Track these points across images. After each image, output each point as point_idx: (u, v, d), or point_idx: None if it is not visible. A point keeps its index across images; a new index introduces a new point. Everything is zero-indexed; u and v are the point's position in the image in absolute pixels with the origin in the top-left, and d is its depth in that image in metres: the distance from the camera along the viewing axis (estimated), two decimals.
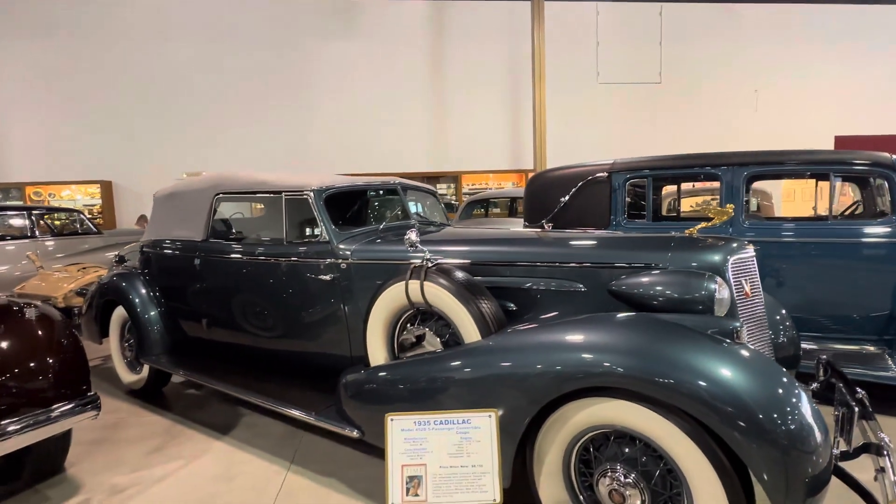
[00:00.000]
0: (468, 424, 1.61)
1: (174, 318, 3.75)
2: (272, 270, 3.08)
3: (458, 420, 1.61)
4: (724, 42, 12.34)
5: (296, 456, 2.95)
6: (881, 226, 3.31)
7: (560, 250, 2.44)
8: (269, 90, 11.68)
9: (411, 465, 1.57)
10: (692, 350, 1.70)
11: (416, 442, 1.59)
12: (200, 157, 11.51)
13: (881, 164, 3.28)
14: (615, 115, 12.16)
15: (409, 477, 1.56)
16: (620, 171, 4.03)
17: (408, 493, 1.55)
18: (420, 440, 1.59)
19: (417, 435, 1.59)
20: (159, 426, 3.42)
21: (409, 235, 2.34)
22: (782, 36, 12.40)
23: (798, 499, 1.54)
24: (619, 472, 1.82)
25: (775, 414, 1.58)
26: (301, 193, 2.98)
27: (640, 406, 1.75)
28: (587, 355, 1.82)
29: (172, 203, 3.73)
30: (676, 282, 2.07)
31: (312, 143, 11.76)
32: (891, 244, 3.26)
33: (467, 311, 2.20)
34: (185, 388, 4.11)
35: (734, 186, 3.60)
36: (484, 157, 12.04)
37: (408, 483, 1.56)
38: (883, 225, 3.31)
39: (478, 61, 11.87)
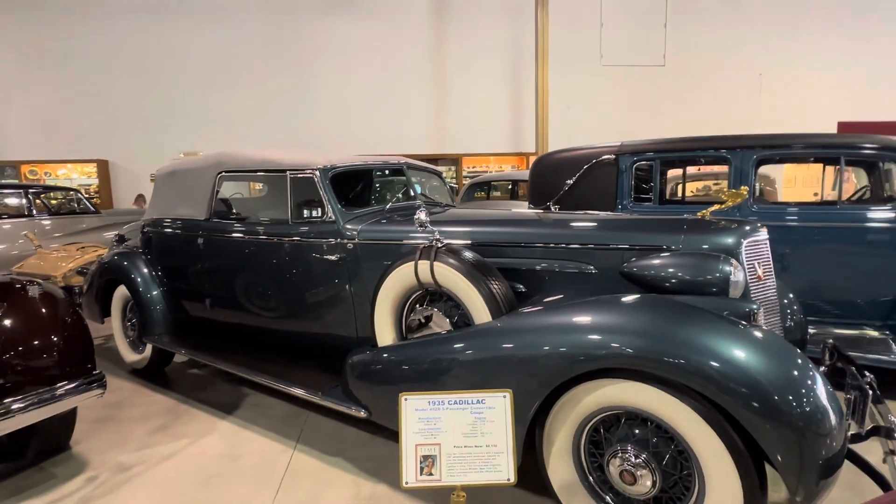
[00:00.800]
0: (482, 404, 1.60)
1: (176, 297, 3.72)
2: (276, 250, 3.05)
3: (472, 400, 1.60)
4: (729, 26, 12.15)
5: (301, 435, 2.95)
6: (891, 211, 3.29)
7: (571, 231, 2.41)
8: (269, 70, 11.49)
9: (425, 445, 1.56)
10: (707, 331, 1.69)
11: (430, 421, 1.58)
12: (198, 136, 11.37)
13: (892, 149, 3.25)
14: (618, 97, 12.02)
15: (423, 456, 1.55)
16: (627, 154, 3.98)
17: (422, 473, 1.55)
18: (434, 420, 1.58)
19: (431, 415, 1.58)
20: (163, 405, 3.41)
21: (418, 215, 2.31)
22: (787, 20, 12.22)
23: (812, 481, 1.54)
24: (630, 453, 1.82)
25: (791, 395, 1.57)
26: (306, 172, 2.93)
27: (654, 387, 1.74)
28: (600, 337, 1.80)
29: (174, 182, 3.67)
30: (691, 264, 2.04)
31: (312, 124, 11.61)
32: None
33: (478, 292, 2.18)
34: (188, 367, 4.11)
35: (743, 169, 3.57)
36: (485, 140, 11.94)
37: (422, 462, 1.55)
38: (893, 210, 3.28)
39: (480, 42, 11.68)
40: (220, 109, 11.47)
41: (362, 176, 3.63)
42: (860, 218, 3.38)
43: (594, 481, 1.95)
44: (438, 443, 1.56)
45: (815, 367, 1.66)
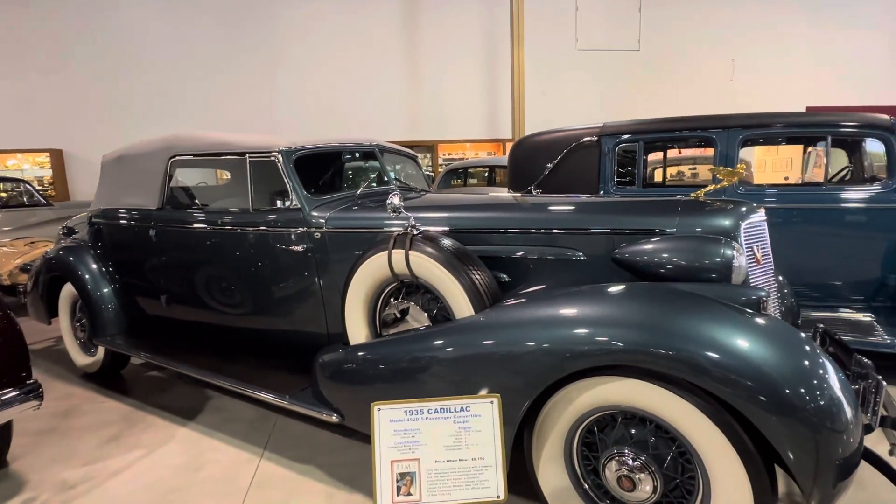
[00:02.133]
0: (467, 412, 1.40)
1: (130, 294, 3.42)
2: (237, 241, 2.79)
3: (455, 408, 1.41)
4: (703, 11, 12.14)
5: (269, 442, 2.72)
6: (877, 191, 3.21)
7: (557, 216, 2.23)
8: (233, 53, 10.95)
9: (402, 461, 1.37)
10: (711, 321, 1.53)
11: (408, 434, 1.38)
12: (160, 123, 10.75)
13: (879, 126, 3.17)
14: (594, 82, 11.91)
15: (399, 474, 1.35)
16: (610, 135, 3.82)
17: (399, 493, 1.35)
18: (412, 432, 1.38)
19: (409, 426, 1.38)
20: (117, 413, 3.13)
21: (391, 199, 2.08)
22: (759, 7, 12.28)
23: (828, 482, 1.41)
24: (628, 456, 1.66)
25: (804, 389, 1.42)
26: (268, 155, 2.67)
27: (654, 385, 1.58)
28: (593, 331, 1.63)
29: (122, 168, 3.34)
30: (688, 248, 1.88)
31: (279, 110, 11.15)
32: (887, 210, 3.17)
33: (458, 283, 1.98)
34: (145, 370, 3.81)
35: (728, 150, 3.45)
36: (460, 126, 11.69)
37: (399, 481, 1.35)
38: (878, 190, 3.21)
39: (453, 26, 11.37)
40: (183, 95, 10.90)
41: (332, 160, 3.37)
42: (845, 199, 3.30)
43: (589, 487, 1.78)
44: (417, 458, 1.37)
45: (827, 356, 1.52)
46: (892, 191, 3.16)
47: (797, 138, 3.93)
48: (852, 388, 1.55)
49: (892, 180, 3.17)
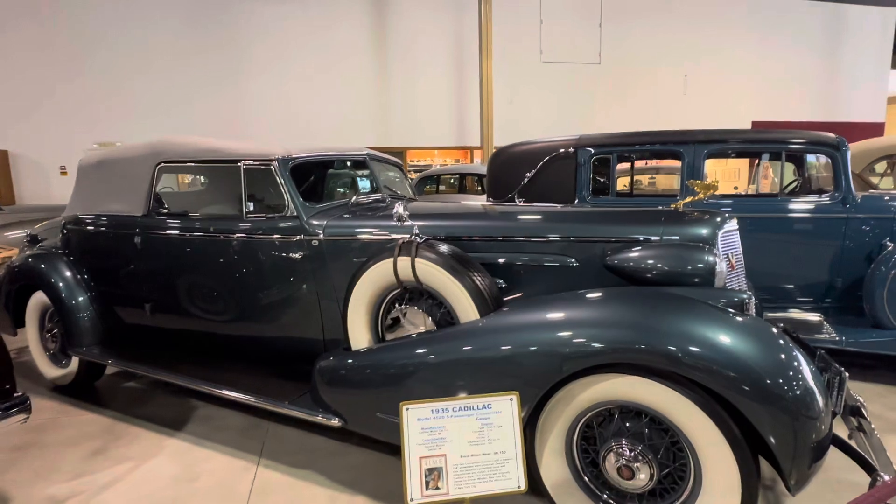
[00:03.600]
0: (489, 409, 1.50)
1: (107, 303, 3.32)
2: (230, 249, 2.78)
3: (477, 406, 1.50)
4: (658, 28, 12.81)
5: (264, 449, 2.72)
6: (825, 202, 3.54)
7: (552, 225, 2.37)
8: (193, 54, 10.66)
9: (430, 457, 1.45)
10: (703, 321, 1.70)
11: (434, 431, 1.46)
12: (115, 126, 10.36)
13: (827, 144, 3.50)
14: (557, 93, 12.33)
15: (427, 469, 1.44)
16: (586, 147, 4.03)
17: (427, 487, 1.43)
18: (438, 429, 1.46)
19: (435, 424, 1.47)
20: (97, 425, 3.04)
21: (397, 209, 2.16)
22: (710, 24, 13.08)
23: (804, 464, 1.59)
24: (626, 448, 1.80)
25: (783, 380, 1.60)
26: (264, 163, 2.69)
27: (650, 380, 1.73)
28: (593, 332, 1.77)
29: (103, 173, 3.26)
30: (675, 255, 2.06)
31: (244, 116, 10.93)
32: (834, 219, 3.50)
33: (463, 289, 2.07)
34: (122, 380, 3.70)
35: (695, 163, 3.71)
36: (429, 133, 11.81)
37: (427, 476, 1.43)
38: (826, 201, 3.54)
39: (422, 33, 11.51)
40: (139, 96, 10.51)
41: (320, 169, 3.41)
42: (796, 209, 3.61)
43: (589, 480, 1.91)
44: (444, 453, 1.45)
45: (801, 351, 1.71)
46: (838, 202, 3.50)
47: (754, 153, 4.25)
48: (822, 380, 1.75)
49: (838, 193, 3.50)
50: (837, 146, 3.46)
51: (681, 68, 13.03)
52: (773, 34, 13.33)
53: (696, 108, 13.02)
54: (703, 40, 12.99)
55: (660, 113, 12.66)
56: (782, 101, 13.57)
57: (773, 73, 13.40)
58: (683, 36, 12.90)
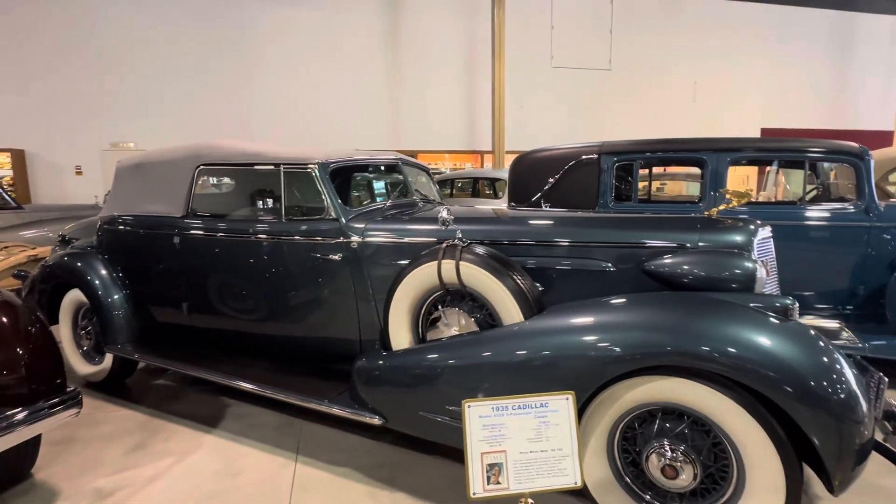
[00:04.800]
0: (546, 408, 1.56)
1: (143, 302, 3.39)
2: (269, 250, 2.85)
3: (535, 404, 1.56)
4: (669, 35, 12.90)
5: (300, 446, 2.78)
6: (847, 211, 3.59)
7: (591, 230, 2.42)
8: (208, 58, 10.79)
9: (491, 452, 1.51)
10: (751, 325, 1.76)
11: (495, 428, 1.52)
12: (129, 127, 10.50)
13: (851, 154, 3.55)
14: (568, 98, 12.42)
15: (489, 465, 1.50)
16: (609, 153, 4.09)
17: (489, 482, 1.49)
18: (499, 426, 1.52)
19: (496, 421, 1.53)
20: (134, 421, 3.10)
21: (442, 213, 2.23)
22: (720, 31, 13.15)
23: (848, 467, 1.64)
24: (671, 448, 1.85)
25: (828, 383, 1.66)
26: (304, 166, 2.76)
27: (695, 382, 1.78)
28: (643, 335, 1.83)
29: (141, 175, 3.33)
30: (716, 261, 2.12)
31: (255, 118, 11.05)
32: (856, 227, 3.55)
33: (508, 291, 2.14)
34: (152, 378, 3.77)
35: (718, 170, 3.77)
36: (440, 137, 11.91)
37: (488, 471, 1.49)
38: (849, 210, 3.59)
39: (434, 38, 11.63)
40: (152, 98, 10.63)
41: (348, 172, 3.48)
42: (818, 217, 3.66)
43: (630, 480, 1.96)
44: (504, 450, 1.51)
45: (844, 356, 1.77)
46: (862, 211, 3.55)
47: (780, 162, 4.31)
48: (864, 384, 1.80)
49: (861, 202, 3.55)
50: (861, 155, 3.52)
51: (690, 75, 13.11)
52: (782, 42, 13.40)
53: (705, 115, 13.09)
54: (713, 47, 13.07)
55: (669, 119, 12.73)
56: (791, 109, 13.63)
57: (782, 80, 13.47)
58: (693, 43, 12.98)
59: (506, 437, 1.52)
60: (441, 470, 2.52)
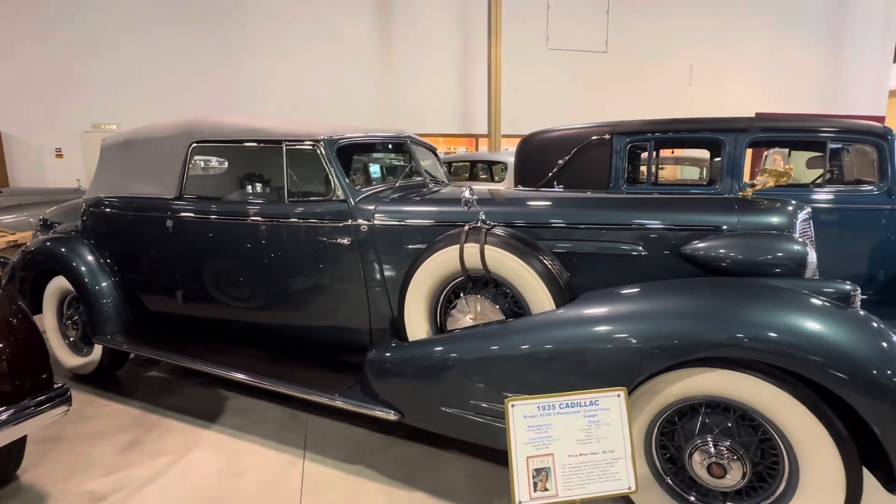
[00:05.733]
0: (596, 406, 1.41)
1: (134, 289, 3.18)
2: (271, 233, 2.65)
3: (584, 402, 1.41)
4: (664, 18, 12.68)
5: (307, 442, 2.62)
6: (869, 193, 3.48)
7: (621, 212, 2.26)
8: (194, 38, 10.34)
9: (537, 457, 1.36)
10: (809, 313, 1.62)
11: (541, 429, 1.37)
12: (112, 108, 10.08)
13: (875, 134, 3.43)
14: (564, 80, 12.19)
15: (535, 470, 1.35)
16: (622, 134, 3.93)
17: (535, 489, 1.34)
18: (545, 427, 1.37)
19: (542, 421, 1.37)
20: (126, 417, 2.91)
21: (465, 194, 2.05)
22: (715, 14, 12.97)
23: None
24: (719, 444, 1.72)
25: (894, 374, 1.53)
26: (309, 143, 2.55)
27: (747, 375, 1.65)
28: (690, 324, 1.68)
29: (130, 154, 3.09)
30: (763, 245, 1.97)
31: (243, 99, 10.65)
32: (878, 210, 3.45)
33: (538, 277, 1.97)
34: (144, 370, 3.56)
35: (736, 152, 3.63)
36: (434, 120, 11.62)
37: (535, 477, 1.34)
38: (870, 192, 3.48)
39: (428, 20, 11.28)
40: (135, 78, 10.18)
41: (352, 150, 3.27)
42: (837, 200, 3.55)
43: (672, 481, 1.83)
44: (551, 453, 1.36)
45: None
46: (884, 193, 3.44)
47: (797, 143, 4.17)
48: None
49: (883, 184, 3.44)
50: (885, 136, 3.40)
51: (687, 58, 12.95)
52: (777, 26, 13.27)
53: (701, 99, 12.95)
54: (709, 31, 12.90)
55: (665, 103, 12.57)
56: (786, 93, 13.56)
57: (777, 64, 13.37)
58: (690, 26, 12.80)
59: (553, 439, 1.37)
60: (459, 466, 2.38)
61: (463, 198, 2.05)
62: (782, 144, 4.53)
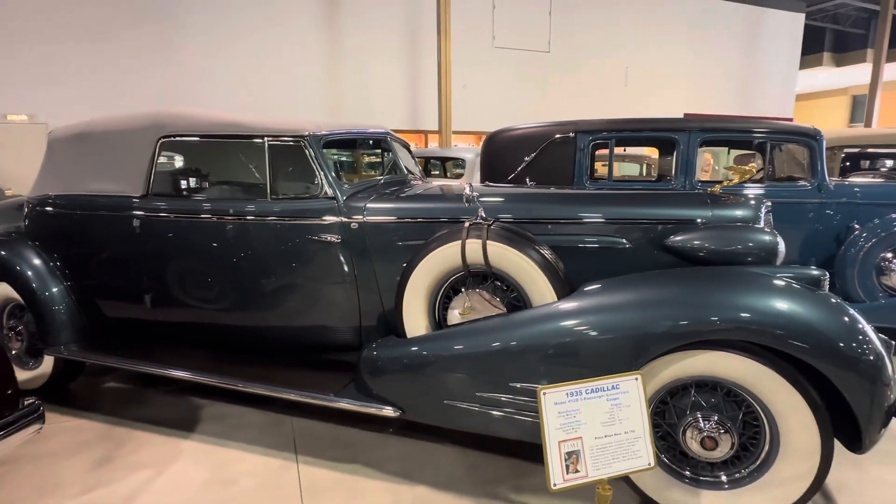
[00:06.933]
0: (617, 390, 1.51)
1: (90, 295, 2.95)
2: (253, 233, 2.55)
3: (606, 386, 1.50)
4: (602, 21, 13.28)
5: (297, 445, 2.56)
6: (803, 188, 3.87)
7: (608, 207, 2.38)
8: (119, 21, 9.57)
9: (568, 441, 1.43)
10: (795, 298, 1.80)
11: (570, 415, 1.44)
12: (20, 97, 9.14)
13: (806, 134, 3.81)
14: (509, 78, 12.46)
15: (566, 453, 1.42)
16: (585, 132, 4.10)
17: (568, 471, 1.41)
18: (573, 412, 1.44)
19: (571, 407, 1.44)
20: (91, 432, 2.71)
21: (466, 190, 2.09)
22: (648, 21, 13.76)
23: (877, 427, 1.75)
24: (711, 419, 1.88)
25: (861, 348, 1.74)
26: (294, 139, 2.48)
27: (737, 355, 1.81)
28: (687, 311, 1.82)
29: (84, 148, 2.85)
30: (740, 236, 2.16)
31: (176, 89, 10.00)
32: (811, 204, 3.84)
33: (541, 271, 2.05)
34: (100, 381, 3.32)
35: (689, 150, 3.90)
36: (382, 115, 11.48)
37: (566, 460, 1.41)
38: (804, 187, 3.86)
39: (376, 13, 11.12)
40: (62, 67, 9.30)
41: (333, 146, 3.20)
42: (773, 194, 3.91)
43: (667, 458, 1.97)
44: (580, 436, 1.44)
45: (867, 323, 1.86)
46: (815, 189, 3.83)
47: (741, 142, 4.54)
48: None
49: (815, 179, 3.84)
50: (815, 136, 3.78)
51: (623, 61, 13.64)
52: (701, 33, 14.29)
53: (636, 99, 13.71)
54: (643, 35, 13.66)
55: (604, 102, 13.20)
56: (709, 95, 14.64)
57: (701, 68, 14.41)
58: (625, 30, 13.48)
59: (581, 423, 1.45)
60: (456, 459, 2.43)
61: (465, 194, 2.09)
62: (726, 144, 4.92)
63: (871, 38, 16.82)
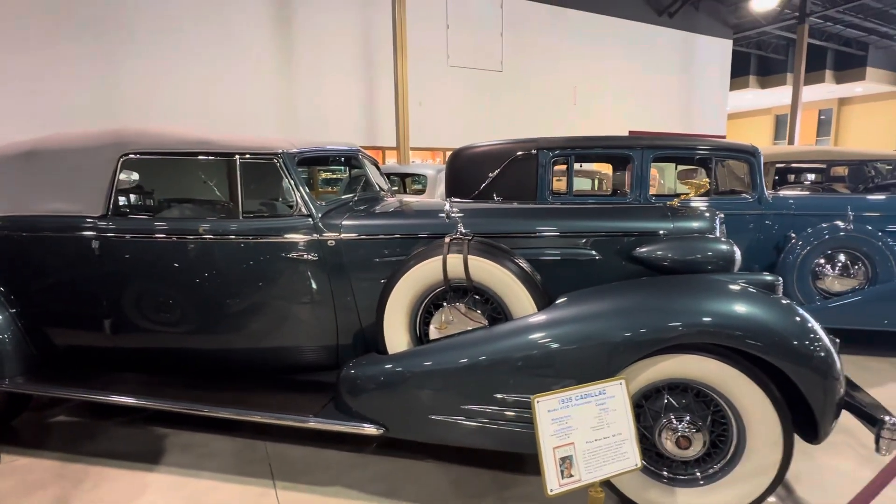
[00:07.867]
0: (604, 395, 1.57)
1: (39, 322, 2.75)
2: (224, 253, 2.48)
3: (594, 392, 1.56)
4: (551, 41, 13.87)
5: (273, 470, 2.48)
6: (745, 201, 4.17)
7: (581, 221, 2.48)
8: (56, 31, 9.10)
9: (561, 446, 1.47)
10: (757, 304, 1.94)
11: (563, 421, 1.49)
12: None
13: (746, 151, 4.13)
14: (464, 96, 12.74)
15: (561, 458, 1.46)
16: (547, 149, 4.27)
17: (563, 476, 1.45)
18: (566, 418, 1.49)
19: (563, 413, 1.49)
20: (42, 470, 2.51)
21: (446, 207, 2.13)
22: (597, 41, 14.50)
23: (829, 421, 1.90)
24: (684, 420, 1.98)
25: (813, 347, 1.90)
26: (267, 156, 2.45)
27: (706, 357, 1.93)
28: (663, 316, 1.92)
29: (33, 167, 2.67)
30: (703, 246, 2.31)
31: (121, 104, 9.58)
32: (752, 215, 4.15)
33: (521, 284, 2.11)
34: (47, 415, 3.08)
35: (643, 165, 4.13)
36: (338, 132, 11.43)
37: (561, 465, 1.46)
38: (746, 200, 4.17)
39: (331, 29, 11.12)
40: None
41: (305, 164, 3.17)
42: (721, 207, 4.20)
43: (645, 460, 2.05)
44: (572, 441, 1.49)
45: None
46: (755, 201, 4.15)
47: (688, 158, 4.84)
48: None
49: (755, 192, 4.15)
50: (754, 153, 4.10)
51: (571, 80, 14.26)
52: (642, 56, 15.19)
53: (584, 115, 14.36)
54: (589, 57, 14.37)
55: (554, 121, 13.73)
56: (652, 114, 15.53)
57: (644, 89, 15.28)
58: (573, 52, 14.14)
59: (573, 429, 1.50)
60: (439, 474, 2.42)
61: (445, 211, 2.13)
62: (674, 160, 5.23)
63: (789, 63, 18.46)
